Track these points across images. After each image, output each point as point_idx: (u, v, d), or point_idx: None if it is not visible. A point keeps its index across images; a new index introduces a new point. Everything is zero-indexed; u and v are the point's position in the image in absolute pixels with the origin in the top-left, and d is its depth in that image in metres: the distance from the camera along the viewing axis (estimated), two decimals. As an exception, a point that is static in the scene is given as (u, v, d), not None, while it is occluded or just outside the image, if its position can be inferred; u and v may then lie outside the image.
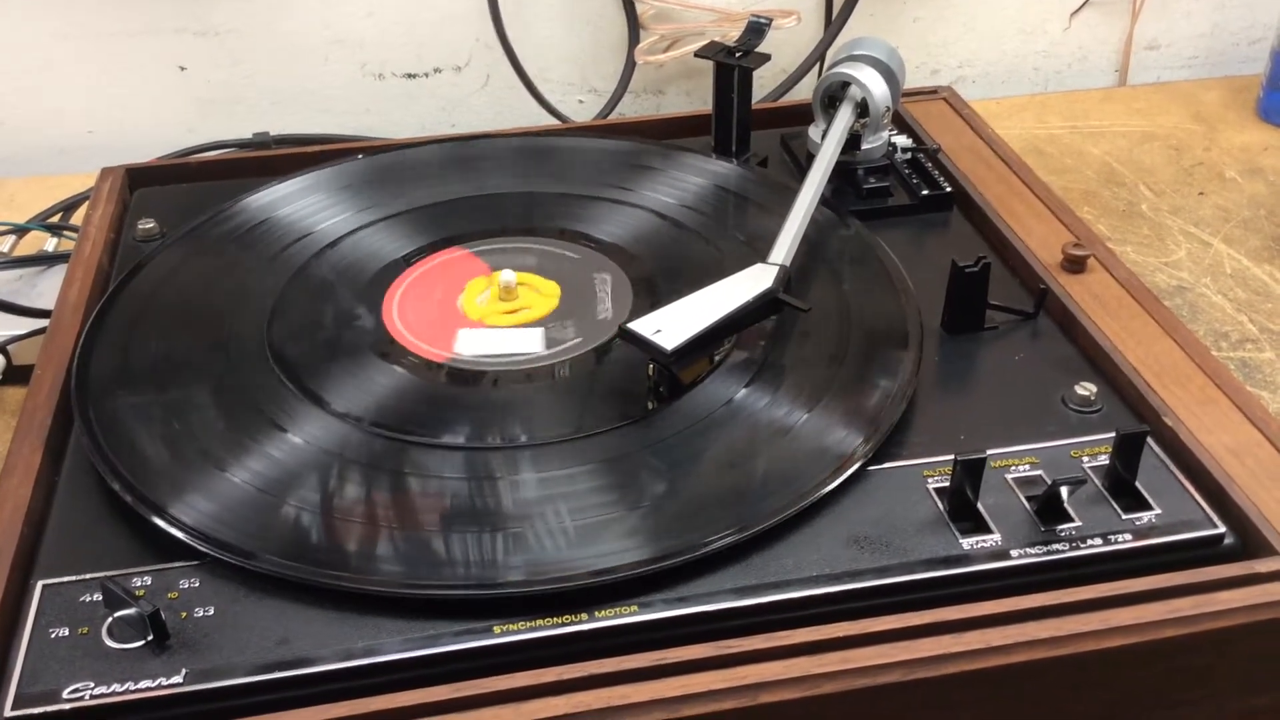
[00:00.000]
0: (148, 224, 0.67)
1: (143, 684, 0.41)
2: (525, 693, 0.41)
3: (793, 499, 0.47)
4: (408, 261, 0.63)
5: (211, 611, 0.44)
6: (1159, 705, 0.47)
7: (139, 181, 0.73)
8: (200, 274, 0.62)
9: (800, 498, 0.47)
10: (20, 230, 0.82)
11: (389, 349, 0.56)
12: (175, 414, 0.52)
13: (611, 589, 0.44)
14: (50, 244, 0.80)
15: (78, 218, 0.84)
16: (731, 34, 0.89)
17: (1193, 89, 1.04)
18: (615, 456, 0.50)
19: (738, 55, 0.69)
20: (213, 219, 0.66)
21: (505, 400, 0.54)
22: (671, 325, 0.53)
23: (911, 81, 0.75)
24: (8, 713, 0.41)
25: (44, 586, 0.45)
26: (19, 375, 0.70)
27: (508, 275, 0.60)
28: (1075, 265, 0.61)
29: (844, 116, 0.67)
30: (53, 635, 0.43)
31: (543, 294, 0.60)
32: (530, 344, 0.57)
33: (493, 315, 0.59)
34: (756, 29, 0.71)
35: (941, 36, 1.03)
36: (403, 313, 0.59)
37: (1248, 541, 0.47)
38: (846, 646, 0.43)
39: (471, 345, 0.57)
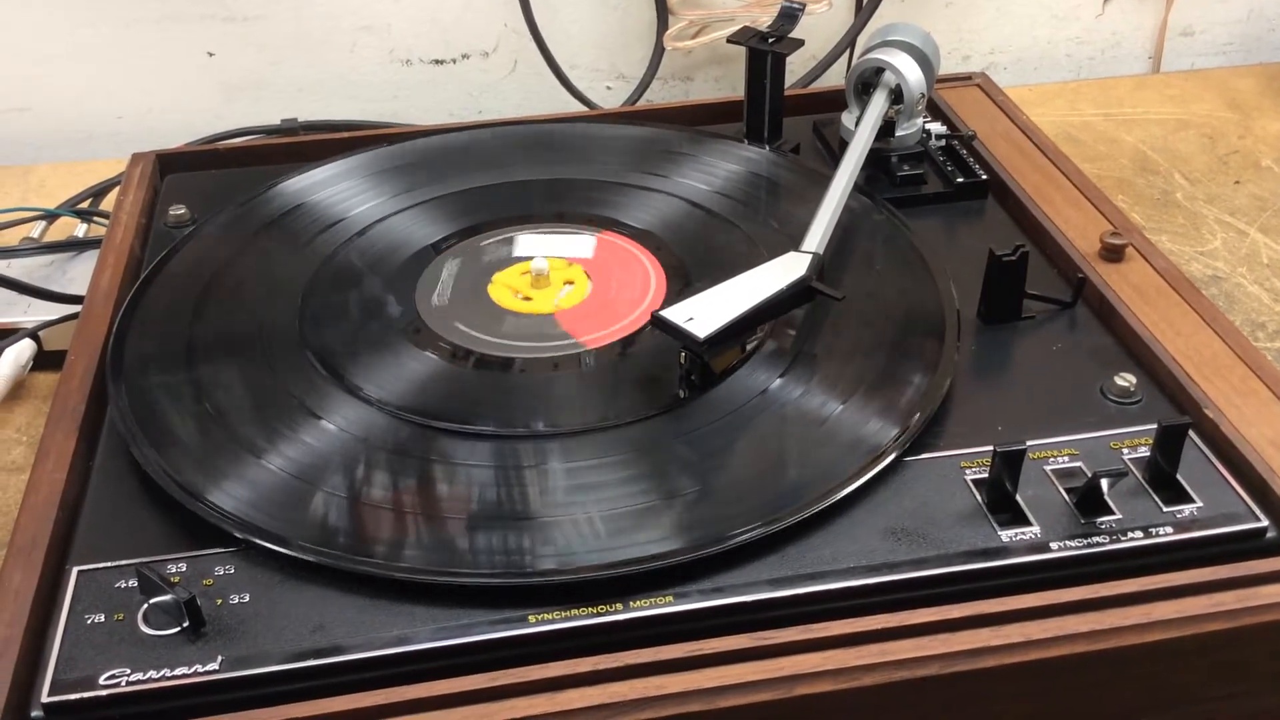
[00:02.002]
0: (179, 210, 0.67)
1: (179, 671, 0.41)
2: (560, 683, 0.41)
3: (829, 490, 0.47)
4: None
5: (247, 598, 0.44)
6: (1198, 699, 0.46)
7: (169, 167, 0.73)
8: (232, 260, 0.62)
9: (836, 489, 0.47)
10: (50, 216, 0.82)
11: (426, 337, 0.56)
12: (209, 400, 0.52)
13: (647, 579, 0.44)
14: (80, 230, 0.80)
15: (107, 203, 0.84)
16: (761, 19, 0.89)
17: (1227, 76, 1.03)
18: (649, 445, 0.50)
19: (771, 41, 0.68)
20: (244, 205, 0.66)
21: (539, 389, 0.53)
22: (704, 313, 0.52)
23: (943, 68, 0.74)
24: (45, 699, 0.41)
25: (79, 573, 0.45)
26: (50, 360, 0.71)
27: (540, 263, 0.59)
28: (1113, 254, 0.60)
29: (878, 103, 0.67)
30: (89, 621, 0.43)
31: (575, 282, 0.60)
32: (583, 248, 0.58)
33: (526, 302, 0.59)
34: (790, 14, 0.70)
35: (973, 22, 1.02)
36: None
37: (1291, 535, 0.46)
38: (884, 639, 0.42)
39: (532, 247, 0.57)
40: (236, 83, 0.96)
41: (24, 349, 0.69)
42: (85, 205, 0.84)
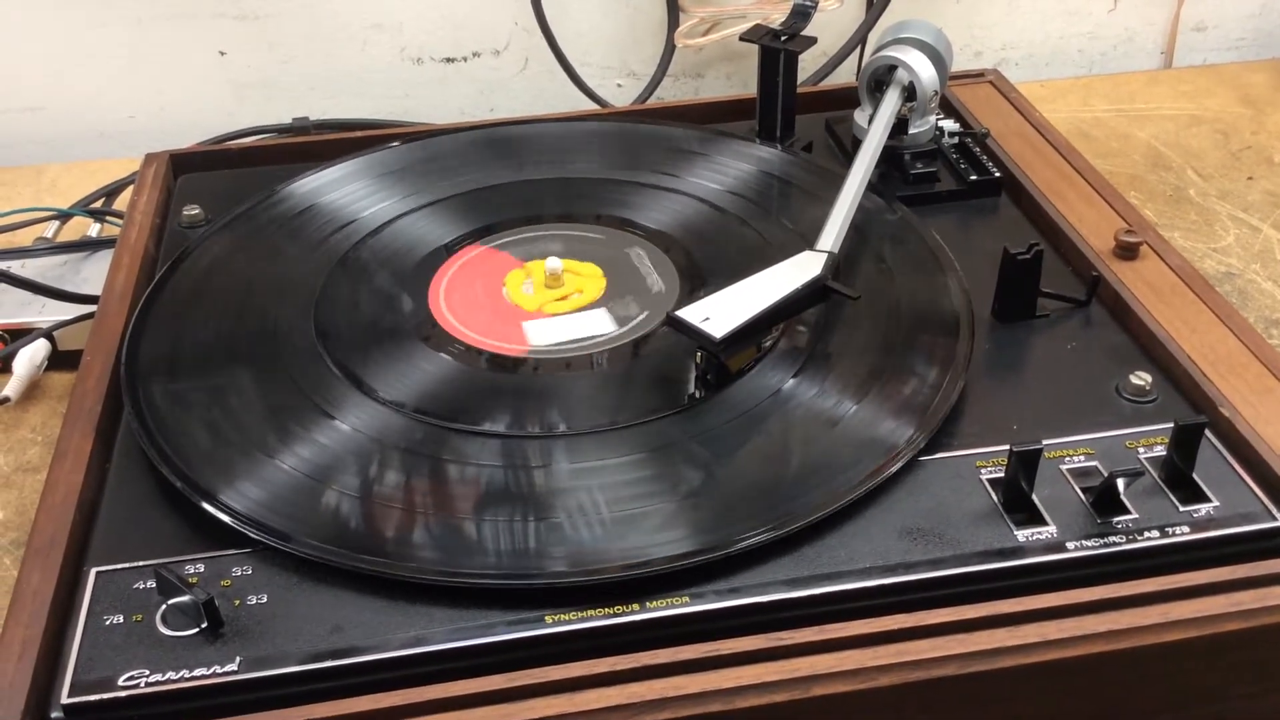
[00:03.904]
0: (193, 210, 0.67)
1: (198, 672, 0.41)
2: (579, 683, 0.41)
3: (844, 490, 0.47)
4: (449, 250, 0.63)
5: (265, 599, 0.44)
6: (1215, 699, 0.46)
7: (182, 167, 0.73)
8: (246, 261, 0.62)
9: (852, 489, 0.47)
10: (64, 216, 0.82)
11: (442, 340, 0.56)
12: (224, 400, 0.52)
13: (663, 580, 0.44)
14: (93, 229, 0.80)
15: (120, 203, 0.85)
16: (772, 16, 0.88)
17: (1240, 71, 1.02)
18: (665, 446, 0.50)
19: (783, 39, 0.68)
20: (257, 206, 0.66)
21: (553, 389, 0.54)
22: (720, 313, 0.52)
23: (955, 64, 0.74)
24: (65, 700, 0.41)
25: (97, 574, 0.45)
26: (65, 360, 0.71)
27: (554, 263, 0.60)
28: (1128, 252, 0.60)
29: (891, 101, 0.67)
30: (107, 623, 0.43)
31: (587, 276, 0.60)
32: (600, 325, 0.57)
33: (550, 304, 0.59)
34: (802, 12, 0.70)
35: (985, 18, 1.01)
36: (451, 305, 0.59)
37: (1308, 535, 0.46)
38: (901, 639, 0.42)
39: (543, 336, 0.56)
40: (248, 81, 0.96)
41: (39, 349, 0.69)
42: (98, 205, 0.85)
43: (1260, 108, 0.96)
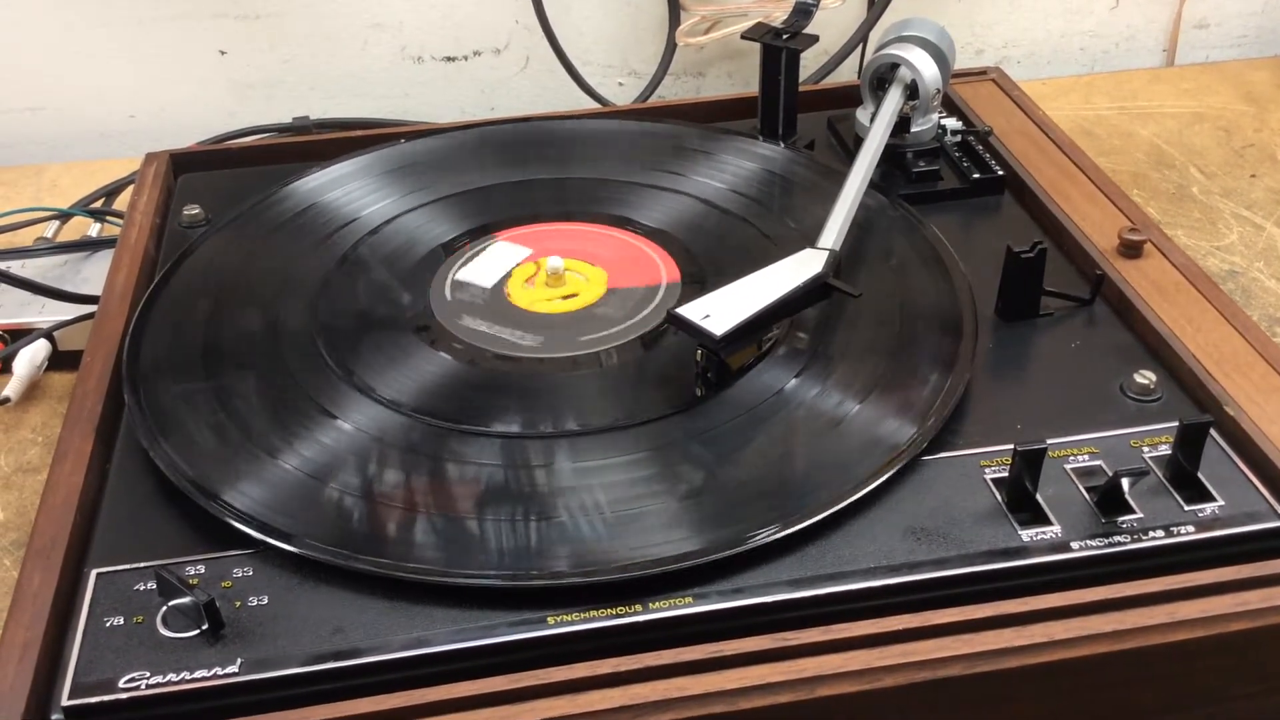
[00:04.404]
0: (193, 210, 0.67)
1: (198, 674, 0.41)
2: (582, 684, 0.41)
3: (848, 490, 0.46)
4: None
5: (265, 600, 0.44)
6: (1220, 699, 0.46)
7: (183, 167, 0.73)
8: (247, 260, 0.62)
9: (855, 488, 0.47)
10: (64, 216, 0.82)
11: (439, 337, 0.56)
12: (225, 400, 0.52)
13: (666, 580, 0.44)
14: (94, 229, 0.80)
15: (120, 203, 0.84)
16: (774, 14, 0.88)
17: (1242, 69, 1.02)
18: (667, 445, 0.49)
19: (785, 37, 0.68)
20: (258, 205, 0.66)
21: (554, 389, 0.53)
22: (720, 310, 0.52)
23: (957, 62, 0.74)
24: (65, 702, 0.41)
25: (98, 575, 0.45)
26: (65, 360, 0.71)
27: (555, 261, 0.59)
28: (1131, 250, 0.60)
29: (893, 99, 0.66)
30: (108, 624, 0.43)
31: (590, 281, 0.60)
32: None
33: (541, 302, 0.58)
34: (804, 10, 0.70)
35: (987, 16, 1.01)
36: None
37: (1314, 534, 0.46)
38: (906, 639, 0.42)
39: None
40: (248, 81, 0.95)
41: (39, 349, 0.69)
42: (98, 205, 0.84)
43: (1263, 105, 0.96)
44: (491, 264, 0.61)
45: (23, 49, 0.92)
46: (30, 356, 0.69)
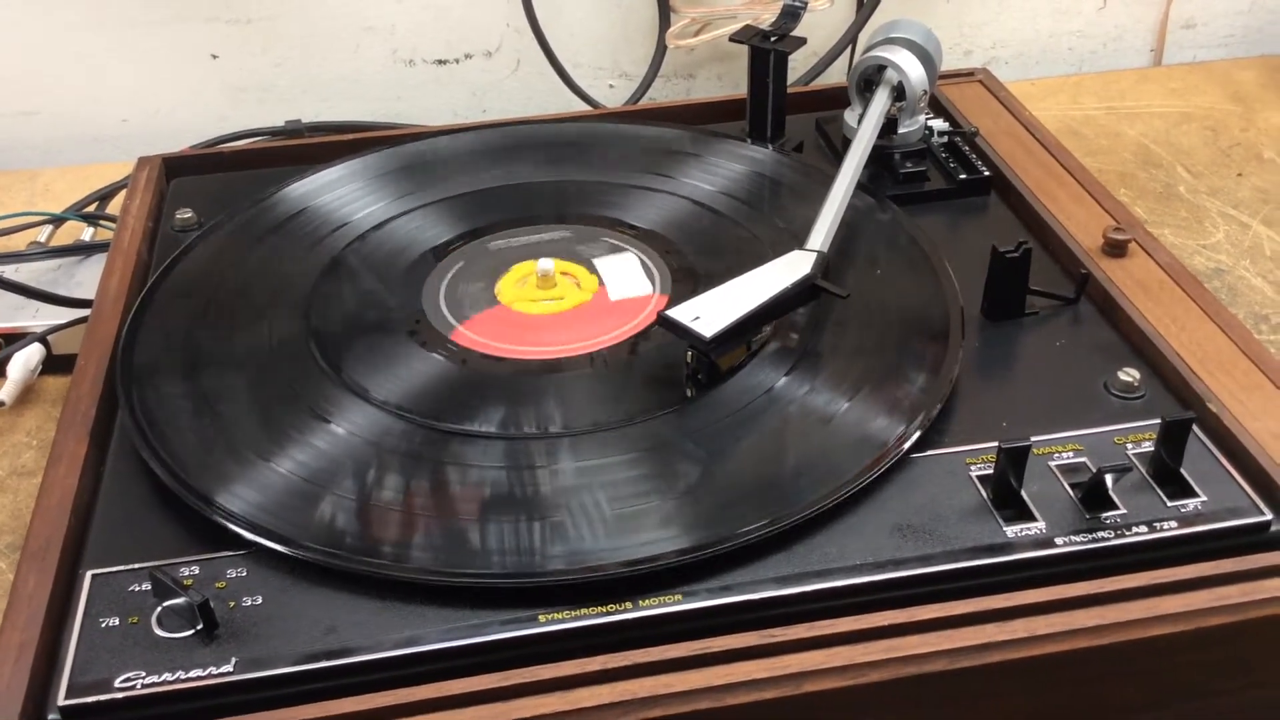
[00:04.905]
0: (185, 214, 0.67)
1: (193, 673, 0.42)
2: (572, 681, 0.41)
3: (835, 487, 0.47)
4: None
5: (259, 601, 0.44)
6: (1201, 693, 0.46)
7: (175, 171, 0.73)
8: (239, 264, 0.62)
9: (843, 486, 0.47)
10: (57, 220, 0.82)
11: (433, 340, 0.57)
12: (218, 403, 0.53)
13: (655, 578, 0.44)
14: (87, 234, 0.81)
15: (113, 207, 0.85)
16: (763, 17, 0.89)
17: (1229, 68, 1.03)
18: (657, 445, 0.50)
19: (773, 40, 0.69)
20: (250, 209, 0.66)
21: (544, 390, 0.54)
22: (710, 312, 0.53)
23: (945, 63, 0.74)
24: (61, 702, 0.41)
25: (93, 576, 0.46)
26: (59, 364, 0.71)
27: (546, 264, 0.60)
28: (1116, 249, 0.60)
29: (880, 100, 0.67)
30: (103, 625, 0.44)
31: (582, 287, 0.60)
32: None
33: (522, 301, 0.59)
34: (792, 13, 0.70)
35: (975, 16, 1.02)
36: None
37: (1294, 529, 0.46)
38: (891, 635, 0.43)
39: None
40: (241, 84, 0.96)
41: (33, 353, 0.70)
42: (91, 209, 0.85)
43: (1249, 105, 0.97)
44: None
45: (16, 53, 0.92)
46: (24, 360, 0.69)
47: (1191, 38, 1.06)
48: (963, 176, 0.67)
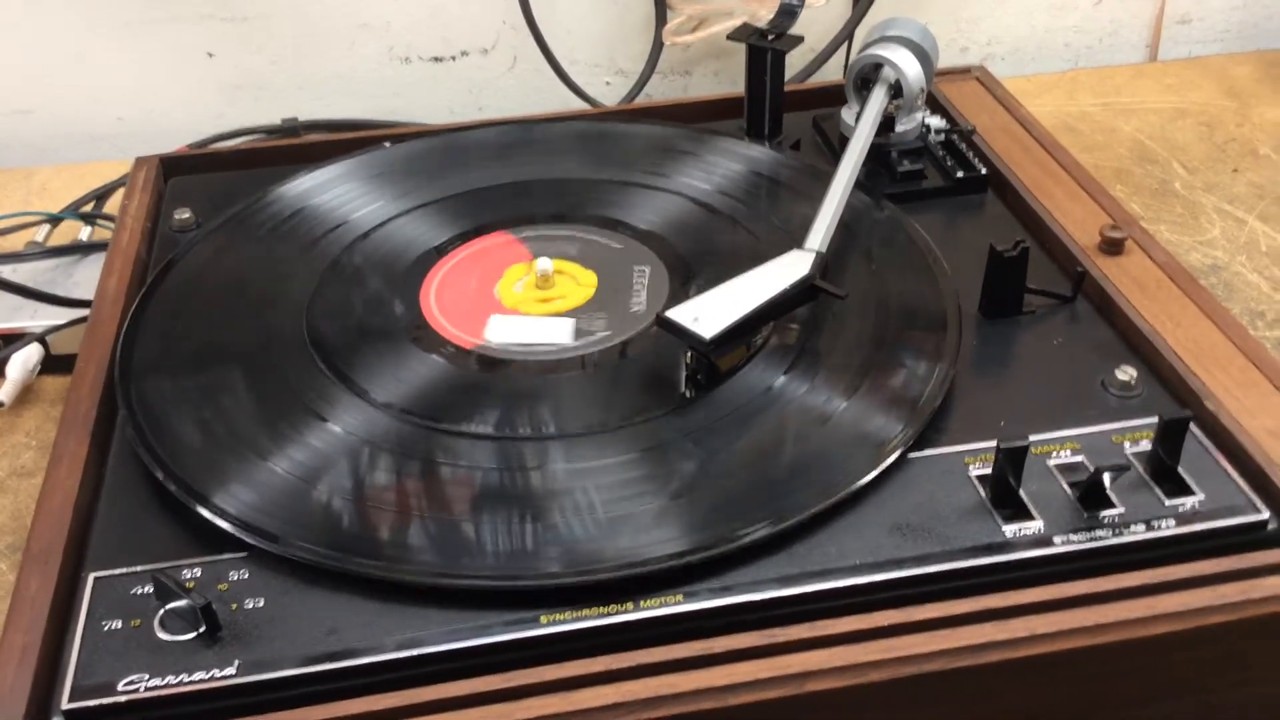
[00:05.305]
0: (184, 214, 0.67)
1: (196, 676, 0.42)
2: (575, 682, 0.41)
3: (834, 487, 0.47)
4: (440, 252, 0.63)
5: (261, 603, 0.44)
6: (1199, 690, 0.47)
7: (173, 170, 0.73)
8: (238, 264, 0.62)
9: (842, 486, 0.47)
10: (54, 220, 0.82)
11: (428, 339, 0.57)
12: (219, 404, 0.53)
13: (657, 579, 0.44)
14: (85, 233, 0.81)
15: (110, 206, 0.85)
16: (759, 13, 0.89)
17: (1225, 64, 1.03)
18: (657, 446, 0.50)
19: (770, 38, 0.69)
20: (248, 209, 0.66)
21: (546, 390, 0.54)
22: (709, 313, 0.53)
23: (941, 58, 0.74)
24: (65, 705, 0.41)
25: (95, 579, 0.46)
26: (58, 364, 0.71)
27: (544, 263, 0.60)
28: (1113, 248, 0.60)
29: (878, 99, 0.67)
30: (106, 628, 0.44)
31: (580, 284, 0.60)
32: (560, 334, 0.57)
33: (527, 303, 0.59)
34: (789, 11, 0.70)
35: (971, 12, 1.02)
36: (440, 299, 0.59)
37: (1291, 527, 0.47)
38: (891, 635, 0.43)
39: (501, 333, 0.57)
40: (237, 82, 0.96)
41: (32, 353, 0.70)
42: (89, 208, 0.85)
43: (1244, 100, 0.97)
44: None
45: (11, 52, 0.92)
46: (23, 361, 0.69)
47: (1187, 33, 1.06)
48: (960, 174, 0.67)
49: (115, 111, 0.96)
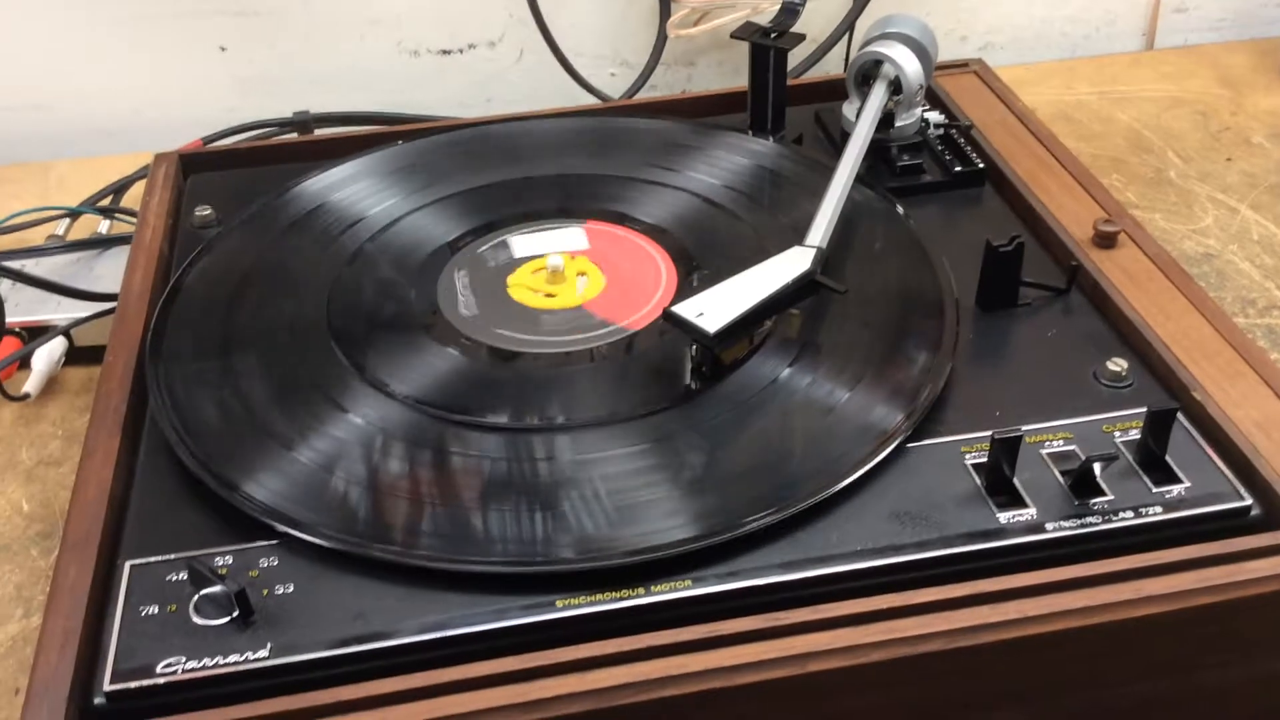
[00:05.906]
0: (204, 210, 0.69)
1: (231, 658, 0.44)
2: (590, 663, 0.43)
3: (836, 476, 0.49)
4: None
5: (291, 589, 0.46)
6: (1186, 669, 0.49)
7: (192, 167, 0.75)
8: (260, 260, 0.64)
9: (843, 475, 0.49)
10: (74, 214, 0.84)
11: (451, 335, 0.59)
12: (246, 397, 0.55)
13: (666, 564, 0.46)
14: (104, 226, 0.83)
15: (128, 199, 0.87)
16: (762, 6, 0.90)
17: (1219, 52, 1.04)
18: (667, 436, 0.52)
19: (773, 36, 0.70)
20: (267, 206, 0.68)
21: (560, 382, 0.56)
22: (713, 308, 0.55)
23: (940, 48, 0.76)
24: (106, 687, 0.43)
25: (132, 566, 0.48)
26: (81, 356, 0.73)
27: (555, 260, 0.62)
28: (1106, 241, 0.62)
29: (878, 95, 0.69)
30: (143, 613, 0.46)
31: (590, 280, 0.62)
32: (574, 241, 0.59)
33: (537, 297, 0.61)
34: (791, 9, 0.72)
35: (970, 2, 1.03)
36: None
37: (1273, 513, 0.48)
38: (890, 617, 0.45)
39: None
40: (249, 76, 0.97)
41: (56, 346, 0.72)
42: (107, 202, 0.87)
43: (1239, 89, 0.99)
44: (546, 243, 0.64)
45: (27, 47, 0.94)
46: (48, 353, 0.71)
47: (1183, 21, 1.07)
48: (958, 169, 0.69)
49: (130, 105, 0.98)
